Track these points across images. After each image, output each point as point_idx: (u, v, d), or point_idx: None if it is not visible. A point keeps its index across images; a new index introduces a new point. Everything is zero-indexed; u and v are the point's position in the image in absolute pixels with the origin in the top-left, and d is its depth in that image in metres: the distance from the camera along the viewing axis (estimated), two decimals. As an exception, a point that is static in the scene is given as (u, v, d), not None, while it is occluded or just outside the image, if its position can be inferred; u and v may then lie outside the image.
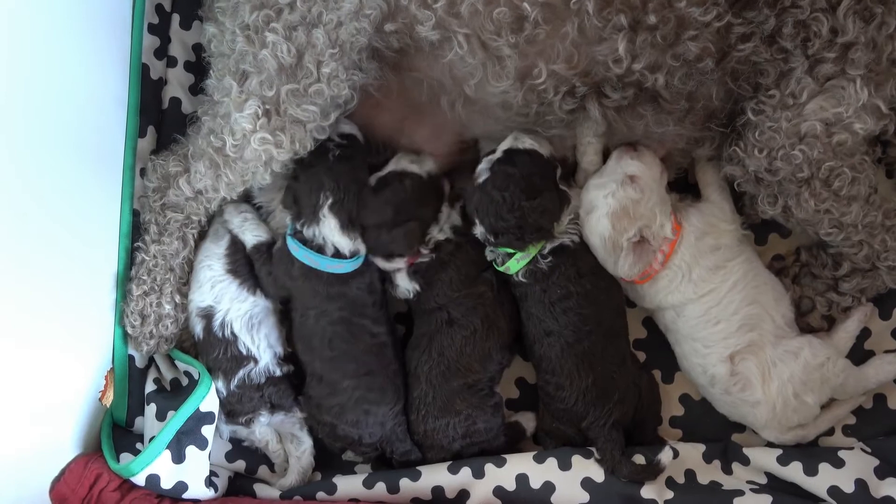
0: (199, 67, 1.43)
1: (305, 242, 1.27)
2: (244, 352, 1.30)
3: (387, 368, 1.29)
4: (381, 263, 1.32)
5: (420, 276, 1.30)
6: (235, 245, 1.34)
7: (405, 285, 1.32)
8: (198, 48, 1.43)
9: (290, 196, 1.29)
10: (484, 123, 1.29)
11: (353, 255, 1.29)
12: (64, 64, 1.20)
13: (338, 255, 1.27)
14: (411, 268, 1.31)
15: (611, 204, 1.23)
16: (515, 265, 1.27)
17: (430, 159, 1.33)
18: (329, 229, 1.26)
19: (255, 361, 1.31)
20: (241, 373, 1.30)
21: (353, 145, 1.29)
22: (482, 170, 1.27)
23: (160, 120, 1.40)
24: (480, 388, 1.28)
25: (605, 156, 1.30)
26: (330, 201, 1.26)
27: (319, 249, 1.27)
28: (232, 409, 1.31)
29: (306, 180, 1.27)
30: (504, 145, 1.27)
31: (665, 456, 1.21)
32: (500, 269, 1.29)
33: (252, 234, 1.33)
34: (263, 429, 1.32)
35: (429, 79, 1.23)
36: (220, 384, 1.30)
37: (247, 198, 1.38)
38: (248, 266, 1.34)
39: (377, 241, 1.29)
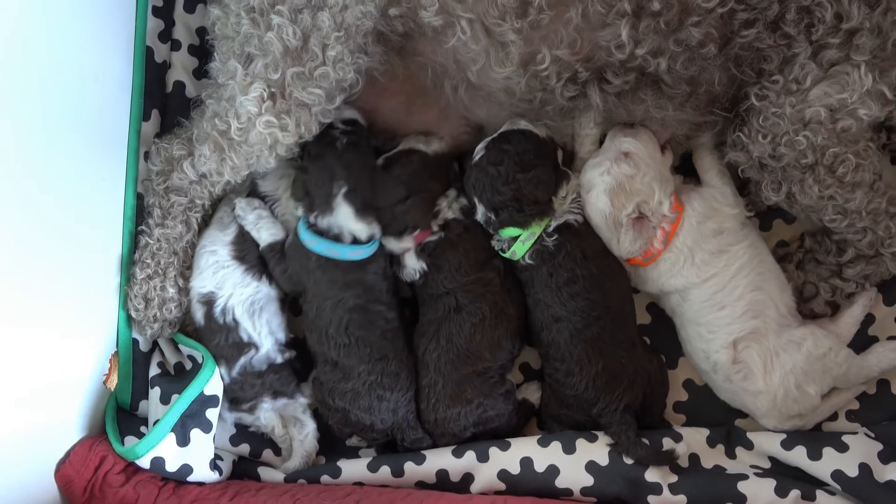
0: (202, 51, 1.43)
1: (321, 233, 1.27)
2: (245, 338, 1.30)
3: (400, 353, 1.30)
4: (391, 245, 1.32)
5: (427, 255, 1.31)
6: (244, 234, 1.33)
7: (413, 265, 1.32)
8: (202, 32, 1.43)
9: (301, 189, 1.28)
10: (487, 108, 1.29)
11: (370, 239, 1.29)
12: (68, 47, 1.19)
13: (355, 241, 1.28)
14: (419, 246, 1.31)
15: (607, 181, 1.24)
16: (521, 247, 1.28)
17: (437, 140, 1.34)
18: (344, 217, 1.26)
19: (256, 348, 1.31)
20: (242, 360, 1.30)
21: (357, 131, 1.30)
22: (479, 149, 1.29)
23: (164, 103, 1.41)
24: (491, 375, 1.28)
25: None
26: (344, 190, 1.26)
27: (336, 239, 1.27)
28: (235, 397, 1.31)
29: (317, 171, 1.27)
30: (502, 129, 1.29)
31: (681, 447, 1.22)
32: (507, 255, 1.30)
33: (268, 233, 1.33)
34: (268, 414, 1.32)
35: (432, 63, 1.23)
36: (222, 371, 1.30)
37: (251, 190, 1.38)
38: (256, 252, 1.33)
39: (392, 218, 1.30)
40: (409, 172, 1.30)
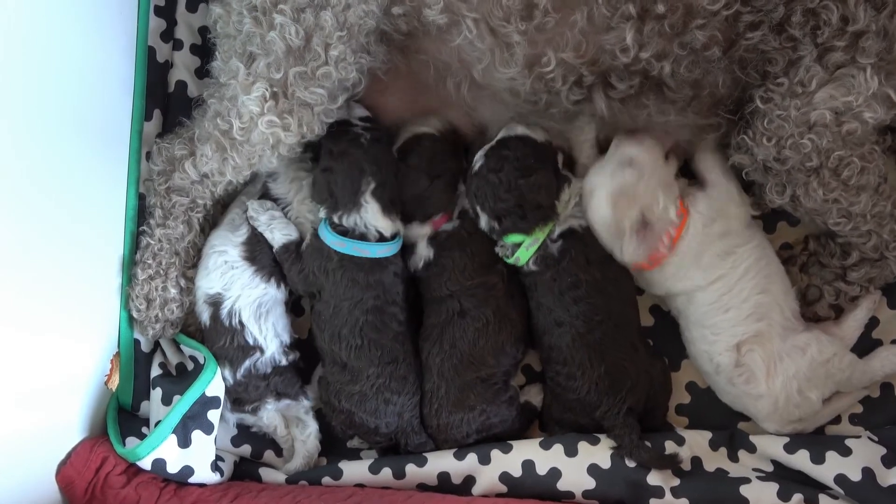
0: (205, 50, 1.42)
1: (345, 233, 1.27)
2: (251, 341, 1.29)
3: (409, 356, 1.29)
4: (414, 230, 1.32)
5: (436, 245, 1.30)
6: (257, 235, 1.32)
7: (422, 252, 1.31)
8: (204, 31, 1.43)
9: (325, 189, 1.27)
10: (492, 108, 1.29)
11: (394, 236, 1.29)
12: (70, 47, 1.19)
13: (381, 239, 1.27)
14: (432, 233, 1.31)
15: (609, 186, 1.23)
16: (525, 253, 1.27)
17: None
18: (371, 214, 1.25)
19: (262, 351, 1.30)
20: (247, 363, 1.29)
21: (376, 126, 1.29)
22: (478, 158, 1.28)
23: (166, 103, 1.40)
24: (494, 381, 1.28)
25: (604, 150, 1.30)
26: (373, 186, 1.25)
27: (361, 237, 1.26)
28: (238, 398, 1.31)
29: (344, 169, 1.25)
30: (499, 136, 1.29)
31: (683, 450, 1.22)
32: (510, 260, 1.29)
33: (281, 233, 1.31)
34: (271, 414, 1.32)
35: (435, 60, 1.23)
36: (227, 373, 1.29)
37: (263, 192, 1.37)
38: (268, 254, 1.32)
39: (419, 206, 1.30)
40: (427, 158, 1.30)
